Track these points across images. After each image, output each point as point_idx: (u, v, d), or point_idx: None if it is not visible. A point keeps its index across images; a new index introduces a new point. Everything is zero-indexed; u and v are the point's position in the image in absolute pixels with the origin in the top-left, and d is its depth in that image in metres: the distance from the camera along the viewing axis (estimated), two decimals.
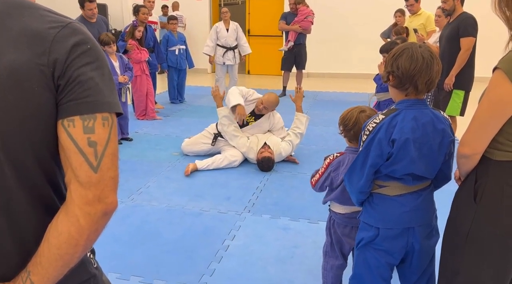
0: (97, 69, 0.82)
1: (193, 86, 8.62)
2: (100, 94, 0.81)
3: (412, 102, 1.60)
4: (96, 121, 0.80)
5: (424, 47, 1.59)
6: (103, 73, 0.83)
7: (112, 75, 0.87)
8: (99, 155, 0.80)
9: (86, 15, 5.15)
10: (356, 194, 1.71)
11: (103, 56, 0.86)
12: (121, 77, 4.70)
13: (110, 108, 0.83)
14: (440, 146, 1.61)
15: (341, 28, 9.57)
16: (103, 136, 0.81)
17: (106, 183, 0.81)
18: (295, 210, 3.34)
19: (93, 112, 0.80)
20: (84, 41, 0.82)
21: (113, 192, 0.83)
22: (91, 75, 0.80)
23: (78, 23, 0.85)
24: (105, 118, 0.81)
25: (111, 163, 0.82)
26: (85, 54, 0.81)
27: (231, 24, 6.98)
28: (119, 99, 4.50)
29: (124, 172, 4.06)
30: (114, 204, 0.84)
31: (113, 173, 0.83)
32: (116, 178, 0.84)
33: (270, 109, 4.39)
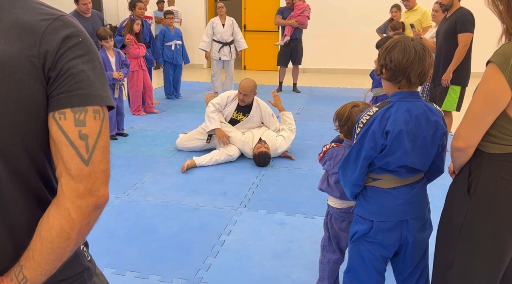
0: (88, 62, 0.82)
1: (189, 82, 8.60)
2: (92, 87, 0.81)
3: (405, 95, 1.61)
4: (87, 114, 0.80)
5: (416, 41, 1.60)
6: (95, 66, 0.83)
7: (103, 69, 0.87)
8: (91, 148, 0.80)
9: (80, 10, 5.12)
10: (350, 187, 1.72)
11: (95, 49, 0.85)
12: (115, 73, 4.67)
13: (102, 101, 0.82)
14: (433, 138, 1.61)
15: (338, 24, 9.55)
16: (95, 129, 0.80)
17: (98, 176, 0.81)
18: (291, 205, 3.34)
19: (84, 104, 0.80)
20: (75, 34, 0.81)
21: (104, 185, 0.82)
22: (83, 68, 0.80)
23: (70, 16, 0.85)
24: (96, 111, 0.81)
25: (103, 156, 0.82)
26: (76, 46, 0.81)
27: (227, 19, 6.95)
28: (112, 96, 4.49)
29: (119, 168, 4.06)
30: (105, 197, 0.83)
31: (105, 166, 0.82)
32: (108, 171, 0.83)
33: (250, 95, 4.33)
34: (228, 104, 4.43)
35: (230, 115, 4.43)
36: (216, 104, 4.39)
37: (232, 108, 4.42)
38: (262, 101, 4.53)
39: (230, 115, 4.43)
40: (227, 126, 4.36)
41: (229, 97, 4.45)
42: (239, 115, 4.43)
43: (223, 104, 4.42)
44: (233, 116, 4.43)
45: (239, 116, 4.43)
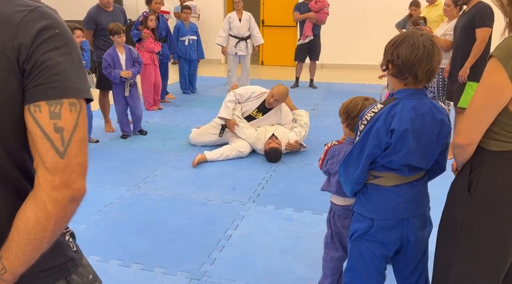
0: (65, 54, 0.81)
1: (205, 77, 8.63)
2: (68, 79, 0.80)
3: (411, 92, 1.56)
4: (63, 106, 0.79)
5: (425, 36, 1.54)
6: (72, 58, 0.83)
7: (82, 61, 0.86)
8: (66, 140, 0.80)
9: (102, 4, 5.14)
10: (351, 185, 1.69)
11: (73, 41, 0.85)
12: (123, 72, 4.61)
13: (78, 94, 0.82)
14: (439, 137, 1.57)
15: (357, 19, 9.42)
16: (70, 122, 0.80)
17: (74, 168, 0.81)
18: (300, 201, 3.32)
19: (60, 97, 0.79)
20: (52, 26, 0.81)
21: (81, 178, 0.83)
22: (59, 60, 0.80)
23: (48, 7, 0.84)
24: (72, 104, 0.81)
25: (79, 149, 0.82)
26: (52, 39, 0.80)
27: (244, 14, 6.93)
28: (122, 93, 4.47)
29: (132, 161, 4.11)
30: (81, 190, 0.83)
31: (81, 159, 0.82)
32: (85, 164, 0.83)
33: (281, 101, 4.37)
34: (251, 99, 4.40)
35: (250, 111, 4.42)
36: (238, 95, 4.38)
37: (254, 105, 4.40)
38: (286, 108, 4.50)
39: (249, 112, 4.42)
40: (242, 122, 4.34)
41: (254, 92, 4.42)
42: (258, 114, 4.41)
43: (245, 97, 4.40)
44: (252, 113, 4.42)
45: (258, 114, 4.41)
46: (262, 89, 4.47)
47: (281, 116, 4.45)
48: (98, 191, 3.47)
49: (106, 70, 4.59)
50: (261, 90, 4.44)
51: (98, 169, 3.93)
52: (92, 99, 0.88)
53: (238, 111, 4.34)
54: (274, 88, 4.32)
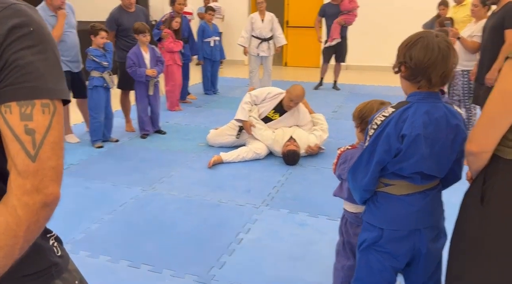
0: (39, 53, 0.78)
1: (228, 78, 8.62)
2: (41, 79, 0.77)
3: (425, 95, 1.47)
4: (35, 107, 0.76)
5: (441, 37, 1.45)
6: (47, 57, 0.79)
7: (59, 61, 0.82)
8: (38, 143, 0.76)
9: (124, 4, 5.19)
10: (360, 192, 1.61)
11: (49, 40, 0.81)
12: (149, 70, 4.66)
13: (52, 94, 0.78)
14: (453, 143, 1.47)
15: (383, 19, 9.22)
16: (43, 123, 0.77)
17: (46, 173, 0.77)
18: (314, 206, 3.24)
19: (32, 98, 0.76)
20: (25, 24, 0.77)
21: (54, 183, 0.78)
22: (31, 59, 0.76)
23: (25, 4, 0.81)
24: (45, 105, 0.77)
25: (52, 152, 0.78)
26: (25, 37, 0.76)
27: (267, 15, 6.87)
28: (146, 92, 4.49)
29: (149, 161, 4.12)
30: (54, 195, 0.79)
31: (54, 163, 0.78)
32: (58, 167, 0.79)
33: (299, 102, 4.30)
34: (267, 100, 4.36)
35: (266, 113, 4.37)
36: (254, 96, 4.35)
37: (270, 106, 4.35)
38: (303, 108, 4.44)
39: (265, 113, 4.37)
40: (259, 124, 4.30)
41: (270, 93, 4.38)
42: (275, 115, 4.35)
43: (260, 98, 4.36)
44: (268, 114, 4.37)
45: (275, 116, 4.35)
46: (277, 89, 4.41)
47: (299, 117, 4.37)
48: (114, 191, 3.49)
49: (131, 68, 4.62)
50: (276, 90, 4.38)
51: (115, 168, 3.96)
52: (69, 100, 0.84)
53: (255, 112, 4.30)
54: (292, 92, 4.25)
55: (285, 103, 4.26)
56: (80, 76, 4.50)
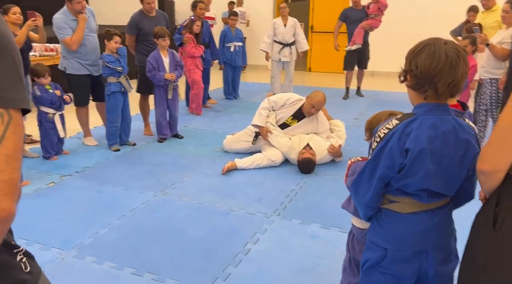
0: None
1: (250, 82, 8.58)
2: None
3: (432, 107, 1.36)
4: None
5: (450, 44, 1.35)
6: (5, 64, 0.74)
7: (18, 68, 0.78)
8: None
9: (144, 9, 5.22)
10: (363, 209, 1.51)
11: (9, 46, 0.76)
12: (167, 74, 4.66)
13: (7, 103, 0.73)
14: (463, 159, 1.36)
15: (410, 25, 8.98)
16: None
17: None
18: (328, 217, 3.13)
19: None
20: None
21: (6, 197, 0.73)
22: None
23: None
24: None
25: (5, 165, 0.73)
26: None
27: (290, 20, 6.80)
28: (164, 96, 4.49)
29: (163, 166, 4.09)
30: (7, 210, 0.73)
31: (8, 176, 0.73)
32: (12, 181, 0.74)
33: (321, 108, 4.20)
34: (286, 106, 4.28)
35: (284, 119, 4.28)
36: (272, 102, 4.28)
37: (289, 113, 4.27)
38: (322, 115, 4.35)
39: (284, 119, 4.29)
40: (276, 130, 4.22)
41: (289, 99, 4.30)
42: (293, 122, 4.27)
43: (279, 104, 4.29)
44: (286, 120, 4.28)
45: (293, 122, 4.27)
46: (297, 96, 4.32)
47: (317, 124, 4.27)
48: (126, 195, 3.47)
49: (151, 72, 4.64)
50: (296, 97, 4.29)
51: (130, 172, 3.96)
52: (30, 109, 0.79)
53: (272, 118, 4.22)
54: (314, 98, 4.15)
55: (306, 109, 4.17)
56: (100, 79, 4.53)
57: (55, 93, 4.12)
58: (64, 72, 4.40)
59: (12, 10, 4.37)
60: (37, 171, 3.93)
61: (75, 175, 3.87)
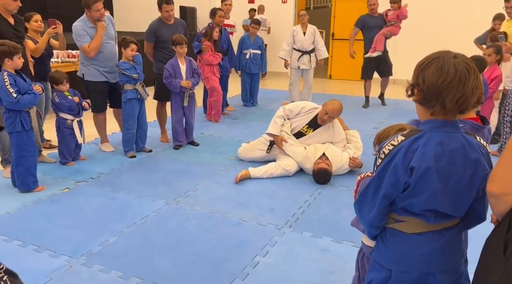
0: None
1: (269, 90, 8.55)
2: None
3: (440, 123, 1.29)
4: None
5: (460, 58, 1.27)
6: None
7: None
8: None
9: (163, 17, 5.27)
10: (367, 227, 1.44)
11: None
12: (183, 81, 4.67)
13: None
14: (472, 179, 1.28)
15: (433, 32, 8.80)
16: None
17: None
18: (341, 231, 3.04)
19: None
20: None
21: None
22: None
23: None
24: None
25: None
26: None
27: (309, 28, 6.75)
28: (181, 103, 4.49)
29: (178, 173, 4.09)
30: None
31: None
32: None
33: (335, 117, 4.14)
34: (301, 114, 4.23)
35: (299, 127, 4.23)
36: (287, 110, 4.24)
37: (304, 121, 4.21)
38: (338, 124, 4.27)
39: (299, 128, 4.23)
40: (291, 139, 4.17)
41: (304, 108, 4.25)
42: (308, 130, 4.21)
43: (294, 112, 4.24)
44: (302, 129, 4.23)
45: (308, 131, 4.21)
46: (313, 104, 4.26)
47: (333, 134, 4.19)
48: (138, 203, 3.47)
49: (167, 79, 4.66)
50: (312, 105, 4.23)
51: (144, 179, 3.96)
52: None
53: (287, 127, 4.17)
54: (328, 105, 4.09)
55: (320, 115, 4.11)
56: (117, 86, 4.58)
57: (73, 99, 4.18)
58: (82, 78, 4.46)
59: (34, 18, 4.47)
60: (53, 176, 3.98)
61: (89, 181, 3.90)
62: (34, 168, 3.59)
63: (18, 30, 3.92)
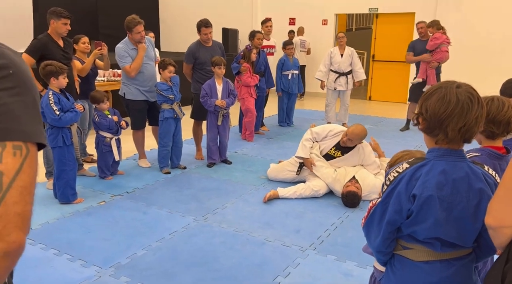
0: (16, 95, 0.77)
1: (306, 110, 8.58)
2: (15, 121, 0.76)
3: (444, 152, 1.30)
4: (5, 149, 0.74)
5: (463, 87, 1.28)
6: (25, 100, 0.78)
7: (37, 104, 0.81)
8: (5, 187, 0.73)
9: (202, 39, 5.48)
10: (374, 253, 1.45)
11: (29, 83, 0.81)
12: (218, 101, 4.81)
13: (26, 137, 0.77)
14: (477, 209, 1.26)
15: (480, 53, 8.57)
16: (12, 166, 0.74)
17: (10, 218, 0.72)
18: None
19: (3, 139, 0.74)
20: (5, 66, 0.78)
21: (18, 230, 0.73)
22: (7, 101, 0.76)
23: (7, 48, 0.81)
24: (17, 147, 0.75)
25: (20, 197, 0.74)
26: (4, 79, 0.77)
27: (347, 49, 6.77)
28: (216, 122, 4.60)
29: (208, 190, 4.19)
30: (17, 243, 0.73)
31: (21, 209, 0.73)
32: (25, 214, 0.74)
33: (354, 141, 4.09)
34: (328, 137, 4.25)
35: (327, 149, 4.24)
36: (314, 133, 4.27)
37: (331, 144, 4.22)
38: (368, 147, 4.24)
39: (326, 150, 4.24)
40: (321, 161, 4.18)
41: (332, 131, 4.26)
42: (336, 153, 4.21)
43: (321, 135, 4.26)
44: (329, 151, 4.23)
45: (336, 153, 4.21)
46: (340, 127, 4.26)
47: (363, 157, 4.16)
48: (168, 218, 3.58)
49: (203, 98, 4.83)
50: (339, 128, 4.23)
51: (176, 195, 4.09)
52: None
53: (316, 149, 4.18)
54: (351, 127, 4.09)
55: (342, 136, 4.10)
56: (155, 105, 4.78)
57: (112, 118, 4.39)
58: (123, 97, 4.70)
59: (82, 40, 4.79)
60: (92, 189, 4.19)
61: (125, 195, 4.07)
62: (73, 182, 3.81)
63: (66, 52, 4.22)
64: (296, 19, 10.59)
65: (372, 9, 9.68)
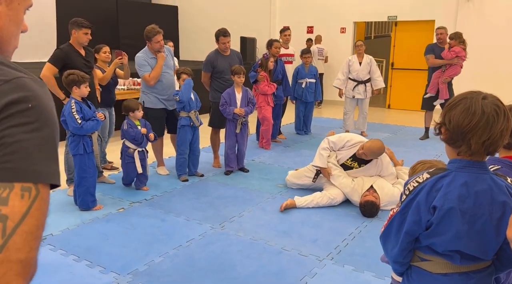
0: (33, 131, 0.71)
1: (324, 118, 8.54)
2: (26, 160, 0.70)
3: (466, 164, 1.27)
4: (13, 191, 0.69)
5: (490, 99, 1.26)
6: (42, 136, 0.73)
7: (55, 140, 0.75)
8: (8, 231, 0.68)
9: (220, 49, 5.53)
10: (391, 263, 1.43)
11: (49, 117, 0.75)
12: (237, 109, 4.82)
13: (36, 178, 0.71)
14: (500, 222, 1.24)
15: (497, 63, 8.42)
16: (19, 209, 0.69)
17: (11, 266, 0.67)
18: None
19: (11, 180, 0.69)
20: (25, 99, 0.72)
21: (19, 278, 0.68)
22: (20, 138, 0.70)
23: (31, 78, 0.76)
24: (26, 189, 0.70)
25: (24, 243, 0.69)
26: (22, 113, 0.71)
27: (365, 58, 6.74)
28: (234, 130, 4.60)
29: (226, 198, 4.20)
30: None
31: (24, 255, 0.69)
32: (27, 261, 0.69)
33: (369, 156, 4.02)
34: (345, 148, 4.20)
35: (343, 160, 4.20)
36: (331, 142, 4.23)
37: (348, 154, 4.17)
38: (387, 158, 4.19)
39: (343, 160, 4.20)
40: (338, 170, 4.14)
41: (349, 141, 4.20)
42: (353, 163, 4.16)
43: (338, 145, 4.23)
44: (346, 161, 4.19)
45: (353, 164, 4.16)
46: (358, 138, 4.20)
47: (381, 168, 4.10)
48: (185, 226, 3.60)
49: (223, 106, 4.87)
50: (357, 139, 4.17)
51: (193, 203, 4.11)
52: (59, 184, 0.76)
53: (333, 159, 4.16)
54: (368, 142, 4.02)
55: (359, 148, 4.06)
56: (174, 113, 4.83)
57: (140, 130, 4.29)
58: (143, 105, 4.76)
59: (103, 49, 4.89)
60: (111, 196, 4.24)
61: (143, 203, 4.11)
62: (93, 189, 3.86)
63: (88, 61, 4.32)
64: (314, 27, 10.60)
65: (391, 17, 9.62)
